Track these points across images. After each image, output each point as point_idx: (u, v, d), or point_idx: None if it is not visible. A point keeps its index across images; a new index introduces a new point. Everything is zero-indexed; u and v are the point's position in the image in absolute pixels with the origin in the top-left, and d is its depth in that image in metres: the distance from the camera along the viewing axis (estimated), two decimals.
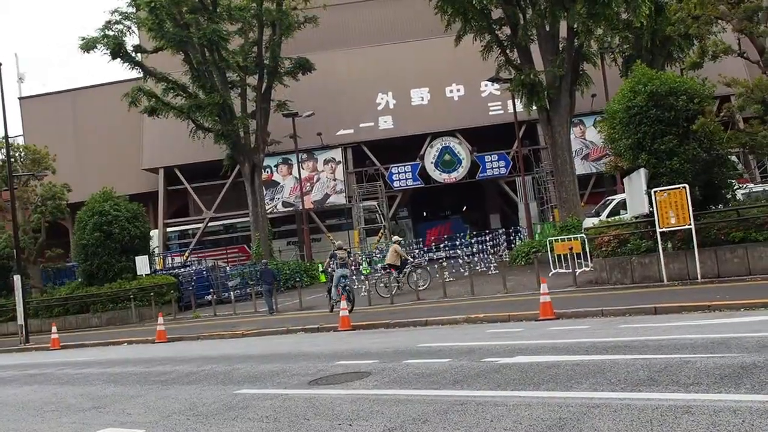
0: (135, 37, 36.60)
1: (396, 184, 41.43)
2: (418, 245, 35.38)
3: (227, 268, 34.36)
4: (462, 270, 28.15)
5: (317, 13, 36.03)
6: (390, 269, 23.64)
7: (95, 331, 27.21)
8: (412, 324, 15.98)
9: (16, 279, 25.40)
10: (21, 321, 25.11)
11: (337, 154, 42.38)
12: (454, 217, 49.30)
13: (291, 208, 42.24)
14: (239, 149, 35.94)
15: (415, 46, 42.46)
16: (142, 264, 29.54)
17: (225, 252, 42.74)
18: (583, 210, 29.52)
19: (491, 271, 26.60)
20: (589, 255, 21.43)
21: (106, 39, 33.74)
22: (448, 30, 30.49)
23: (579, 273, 19.70)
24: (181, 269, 34.94)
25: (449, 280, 23.94)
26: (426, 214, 51.31)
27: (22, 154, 34.42)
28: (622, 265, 17.70)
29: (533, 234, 32.07)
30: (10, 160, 28.27)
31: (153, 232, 35.10)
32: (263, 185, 38.14)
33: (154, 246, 36.18)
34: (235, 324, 21.96)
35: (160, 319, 21.02)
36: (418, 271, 24.23)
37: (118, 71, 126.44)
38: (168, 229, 44.49)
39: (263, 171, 38.73)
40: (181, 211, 47.56)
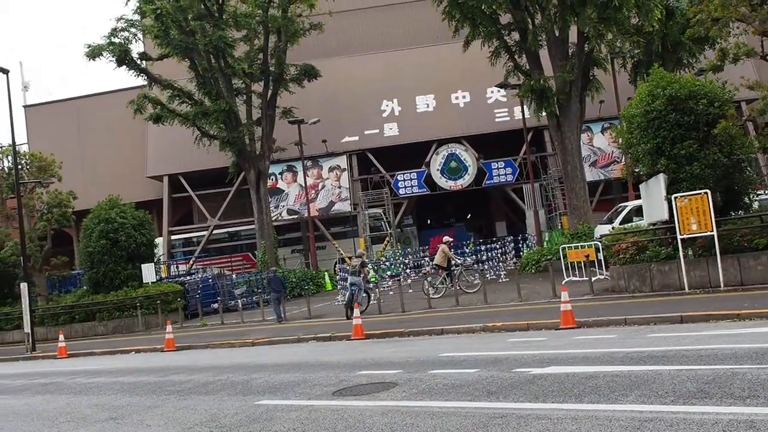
0: (140, 44, 36.46)
1: (402, 191, 41.14)
2: (424, 252, 34.98)
3: (233, 276, 34.02)
4: (472, 278, 27.94)
5: (322, 20, 35.82)
6: (438, 270, 23.38)
7: (101, 340, 26.89)
8: (427, 333, 15.67)
9: (23, 287, 25.07)
10: (27, 329, 24.75)
11: (342, 162, 42.11)
12: (458, 225, 48.96)
13: (296, 216, 41.96)
14: (245, 156, 35.69)
15: (420, 52, 42.28)
16: (148, 272, 29.22)
17: (229, 260, 42.40)
18: (592, 217, 29.23)
19: (501, 279, 26.31)
20: (603, 262, 21.15)
21: (111, 46, 33.51)
22: (456, 36, 30.27)
23: (594, 281, 19.39)
24: (186, 277, 34.62)
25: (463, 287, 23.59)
26: (430, 221, 51.02)
27: (28, 161, 34.14)
28: (641, 273, 17.38)
29: (542, 241, 31.75)
30: (18, 168, 27.99)
31: (157, 240, 34.72)
32: (268, 193, 37.86)
33: (160, 254, 35.85)
34: (244, 332, 21.64)
35: (169, 327, 20.70)
36: (467, 272, 23.87)
37: (121, 78, 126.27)
38: (172, 236, 44.19)
39: (268, 178, 38.45)
40: (185, 219, 47.29)
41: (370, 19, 44.91)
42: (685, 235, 15.98)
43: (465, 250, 32.87)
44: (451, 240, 24.46)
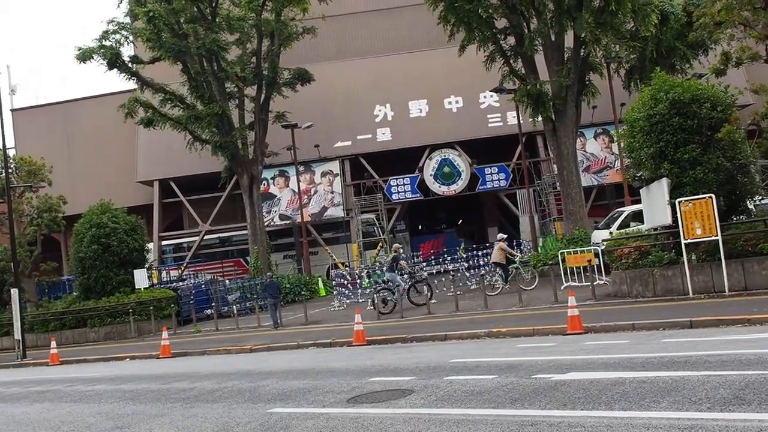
0: (132, 47, 36.08)
1: (395, 196, 40.93)
2: (416, 258, 34.77)
3: (226, 282, 33.67)
4: (468, 283, 27.81)
5: (316, 24, 35.63)
6: (497, 267, 23.34)
7: (93, 346, 26.49)
8: (430, 339, 15.49)
9: (14, 293, 24.64)
10: (18, 336, 24.31)
11: (334, 167, 41.86)
12: (449, 231, 48.78)
13: (288, 221, 41.65)
14: (238, 161, 35.37)
15: (413, 57, 42.13)
16: (140, 277, 28.86)
17: (221, 265, 41.98)
18: (588, 222, 29.15)
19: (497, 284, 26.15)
20: (603, 268, 21.06)
21: (102, 49, 33.12)
22: (451, 40, 30.12)
23: (594, 286, 19.26)
24: (178, 283, 34.23)
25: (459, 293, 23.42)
26: (421, 227, 50.81)
27: (18, 165, 33.70)
28: (644, 278, 17.27)
29: (537, 247, 31.63)
30: (8, 172, 27.59)
31: (148, 246, 34.31)
32: (261, 197, 37.54)
33: (152, 259, 35.45)
34: (241, 339, 21.36)
35: (165, 334, 20.37)
36: (525, 269, 23.76)
37: (115, 80, 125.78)
38: (162, 242, 43.76)
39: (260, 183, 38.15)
40: (175, 225, 46.82)
41: (363, 24, 44.75)
42: (689, 240, 15.89)
43: (453, 256, 32.74)
44: (506, 236, 24.19)
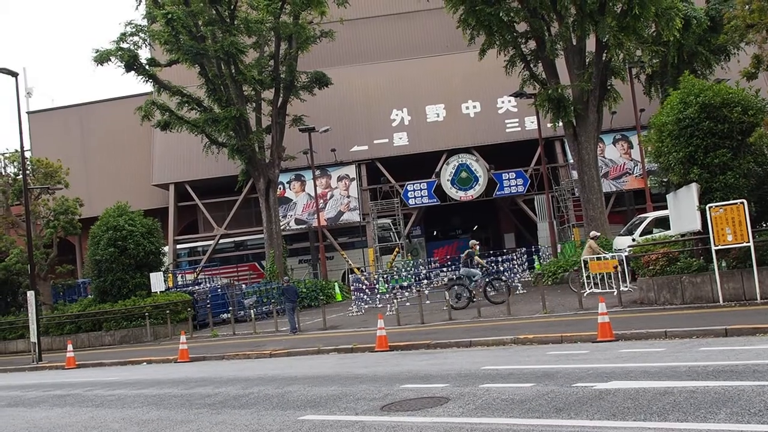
0: (149, 50, 36.03)
1: (411, 201, 40.66)
2: (434, 263, 34.49)
3: (243, 286, 33.47)
4: (489, 289, 27.44)
5: (333, 28, 35.50)
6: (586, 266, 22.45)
7: (109, 350, 26.31)
8: (455, 345, 15.18)
9: (30, 295, 24.50)
10: (34, 338, 24.13)
11: (350, 171, 41.66)
12: (464, 237, 48.46)
13: (304, 226, 41.46)
14: (254, 164, 35.24)
15: (431, 62, 41.94)
16: (156, 281, 28.66)
17: (236, 269, 41.87)
18: (609, 228, 28.78)
19: (519, 291, 25.88)
20: (627, 274, 20.73)
21: (120, 52, 33.06)
22: (471, 44, 29.85)
23: (621, 292, 18.93)
24: (194, 287, 34.07)
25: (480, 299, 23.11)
26: (436, 233, 50.53)
27: (35, 167, 33.66)
28: (672, 285, 16.93)
29: (557, 253, 31.28)
30: (26, 174, 27.50)
31: (164, 249, 34.17)
32: (277, 201, 37.37)
33: (168, 263, 35.30)
34: (259, 343, 21.11)
35: (183, 338, 20.15)
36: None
37: (128, 84, 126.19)
38: (177, 245, 43.66)
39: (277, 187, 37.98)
40: (190, 228, 46.77)
41: (381, 28, 44.60)
42: (719, 246, 15.55)
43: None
44: (598, 234, 23.65)
